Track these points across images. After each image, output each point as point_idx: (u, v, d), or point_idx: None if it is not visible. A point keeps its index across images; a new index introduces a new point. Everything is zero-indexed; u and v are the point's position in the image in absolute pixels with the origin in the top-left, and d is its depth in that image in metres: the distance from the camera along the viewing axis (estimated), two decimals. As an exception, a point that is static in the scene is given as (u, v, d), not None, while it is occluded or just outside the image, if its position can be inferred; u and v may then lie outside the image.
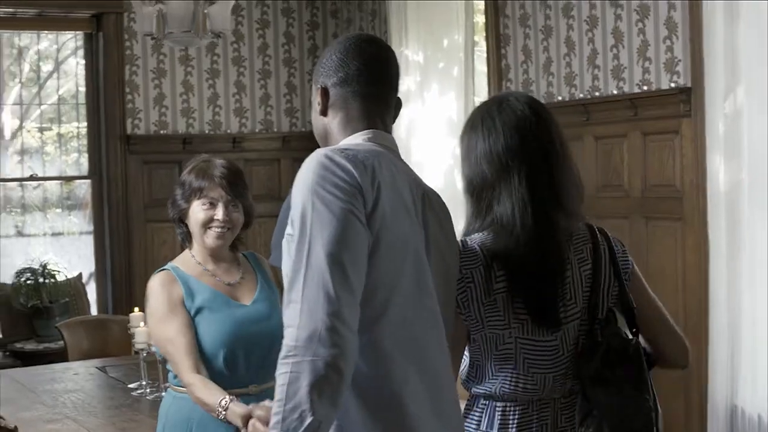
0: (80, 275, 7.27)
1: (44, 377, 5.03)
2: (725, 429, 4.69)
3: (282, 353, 1.79)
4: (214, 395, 2.83)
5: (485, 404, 2.41)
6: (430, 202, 2.09)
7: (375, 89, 2.09)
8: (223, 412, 2.78)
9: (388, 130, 2.12)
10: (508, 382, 2.38)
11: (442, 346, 2.03)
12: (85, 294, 7.22)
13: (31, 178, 7.40)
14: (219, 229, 3.08)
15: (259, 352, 3.04)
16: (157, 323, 3.04)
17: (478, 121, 2.37)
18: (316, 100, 2.12)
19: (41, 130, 7.60)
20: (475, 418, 2.42)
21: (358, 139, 2.05)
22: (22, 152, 7.54)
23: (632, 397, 2.38)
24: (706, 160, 4.88)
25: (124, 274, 7.33)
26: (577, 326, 2.38)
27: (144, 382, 4.49)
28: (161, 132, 7.55)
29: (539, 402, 2.39)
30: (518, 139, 2.32)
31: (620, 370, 2.37)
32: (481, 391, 2.41)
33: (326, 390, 1.75)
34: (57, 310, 6.75)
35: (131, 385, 4.59)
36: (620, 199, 5.47)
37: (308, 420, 1.74)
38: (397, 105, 2.18)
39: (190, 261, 3.16)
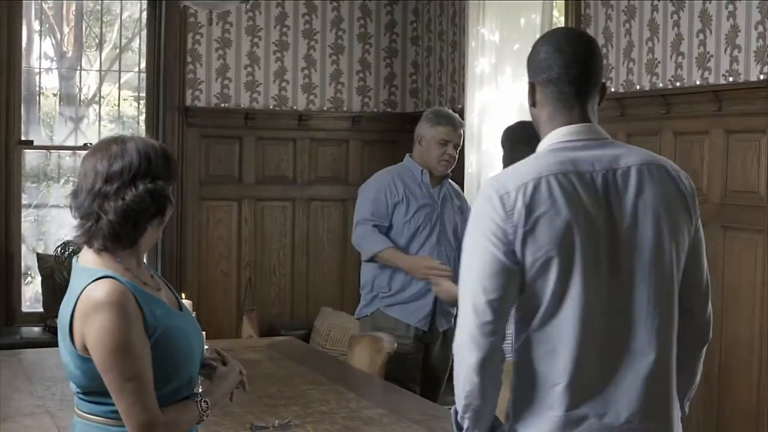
0: (128, 251, 6.95)
1: (51, 362, 4.69)
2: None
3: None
4: (189, 407, 2.46)
5: None
6: (625, 181, 2.25)
7: (576, 87, 2.33)
8: (206, 406, 2.49)
9: (588, 116, 2.34)
10: None
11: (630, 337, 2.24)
12: (132, 271, 6.90)
13: (85, 147, 7.10)
14: None
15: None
16: (120, 355, 2.33)
17: None
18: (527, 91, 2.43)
19: (101, 98, 7.29)
20: None
21: (547, 143, 2.34)
22: (78, 120, 7.25)
23: None
24: (795, 166, 4.30)
25: (175, 253, 6.99)
26: None
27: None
28: (222, 105, 7.17)
29: None
30: None
31: None
32: None
33: (471, 400, 2.24)
34: (99, 286, 6.42)
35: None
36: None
37: (460, 413, 2.28)
38: (603, 89, 2.40)
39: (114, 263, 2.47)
